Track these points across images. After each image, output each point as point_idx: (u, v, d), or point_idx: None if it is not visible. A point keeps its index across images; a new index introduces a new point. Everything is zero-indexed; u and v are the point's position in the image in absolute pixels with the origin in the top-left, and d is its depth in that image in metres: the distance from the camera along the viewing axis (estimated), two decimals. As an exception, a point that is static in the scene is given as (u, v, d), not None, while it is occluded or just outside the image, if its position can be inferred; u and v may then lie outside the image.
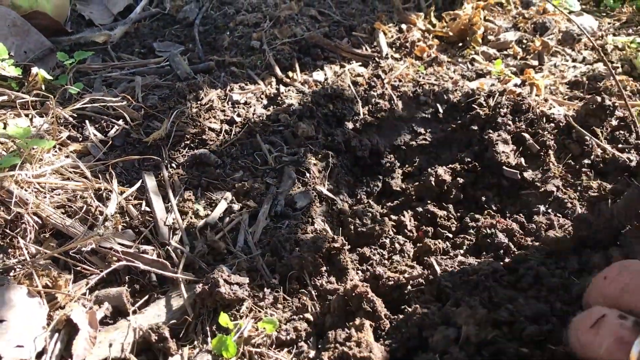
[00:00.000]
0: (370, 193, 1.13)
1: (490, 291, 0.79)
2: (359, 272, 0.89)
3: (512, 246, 0.93)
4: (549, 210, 1.03)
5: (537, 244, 0.92)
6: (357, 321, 0.74)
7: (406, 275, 0.85)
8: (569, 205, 1.03)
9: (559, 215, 1.01)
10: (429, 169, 1.12)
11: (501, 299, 0.77)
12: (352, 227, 0.98)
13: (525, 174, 1.08)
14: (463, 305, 0.74)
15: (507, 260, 0.89)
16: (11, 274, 0.83)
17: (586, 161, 1.10)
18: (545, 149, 1.11)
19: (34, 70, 1.18)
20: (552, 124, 1.15)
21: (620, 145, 1.13)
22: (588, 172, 1.09)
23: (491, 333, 0.69)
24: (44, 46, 1.32)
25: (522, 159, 1.10)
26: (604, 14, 1.73)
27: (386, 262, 0.93)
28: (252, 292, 0.82)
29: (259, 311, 0.79)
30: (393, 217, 1.04)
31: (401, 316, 0.77)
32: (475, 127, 1.17)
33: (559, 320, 0.72)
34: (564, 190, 1.06)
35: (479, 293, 0.79)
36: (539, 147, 1.11)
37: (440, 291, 0.82)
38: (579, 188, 1.06)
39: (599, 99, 1.16)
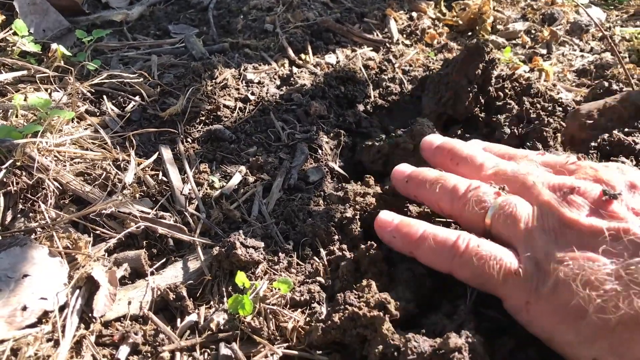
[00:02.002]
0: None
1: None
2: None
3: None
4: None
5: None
6: (365, 282, 0.76)
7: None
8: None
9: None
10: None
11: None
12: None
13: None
14: None
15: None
16: (32, 236, 0.85)
17: (593, 144, 1.12)
18: (553, 132, 1.13)
19: (54, 46, 1.20)
20: (560, 108, 1.17)
21: (626, 129, 1.15)
22: (594, 154, 1.11)
23: None
24: (62, 25, 1.35)
25: (530, 141, 1.12)
26: (612, 7, 1.75)
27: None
28: (267, 257, 0.84)
29: (274, 274, 0.81)
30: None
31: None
32: (484, 109, 1.19)
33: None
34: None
35: None
36: (547, 130, 1.13)
37: None
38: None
39: (606, 84, 1.18)
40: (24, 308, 0.72)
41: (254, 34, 1.44)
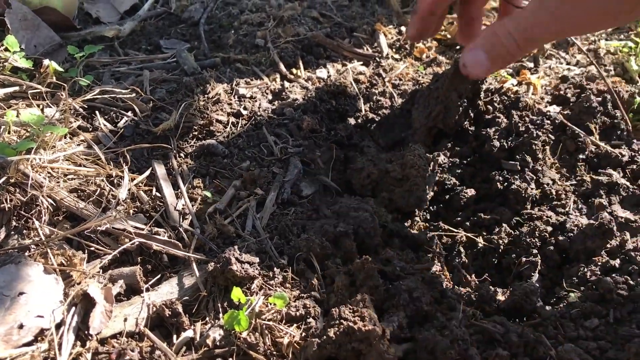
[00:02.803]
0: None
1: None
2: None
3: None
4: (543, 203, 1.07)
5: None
6: (359, 296, 0.77)
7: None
8: (561, 197, 1.07)
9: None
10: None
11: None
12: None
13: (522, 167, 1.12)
14: None
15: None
16: (27, 253, 0.85)
17: (581, 156, 1.15)
18: (542, 145, 1.15)
19: (46, 62, 1.21)
20: (548, 121, 1.19)
21: (613, 142, 1.18)
22: (582, 167, 1.13)
23: None
24: (53, 41, 1.35)
25: (519, 154, 1.14)
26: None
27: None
28: (262, 272, 0.85)
29: (269, 289, 0.82)
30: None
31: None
32: (473, 123, 1.21)
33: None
34: (559, 183, 1.09)
35: None
36: (536, 143, 1.15)
37: None
38: (573, 182, 1.10)
39: (592, 97, 1.20)
40: (21, 326, 0.72)
41: (245, 48, 1.45)
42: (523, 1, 0.94)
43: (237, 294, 0.77)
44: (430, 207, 1.11)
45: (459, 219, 1.09)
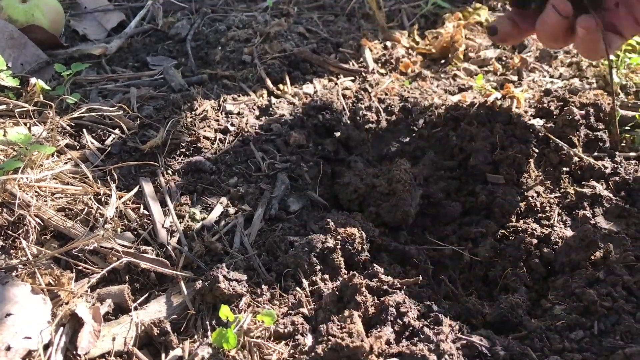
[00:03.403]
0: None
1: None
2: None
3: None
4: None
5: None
6: (347, 312, 0.78)
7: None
8: (546, 209, 1.08)
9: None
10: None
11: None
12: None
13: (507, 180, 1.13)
14: None
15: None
16: (14, 273, 0.85)
17: (564, 169, 1.16)
18: (526, 158, 1.16)
19: (32, 80, 1.21)
20: (532, 134, 1.21)
21: (596, 154, 1.20)
22: (566, 179, 1.15)
23: None
24: (40, 59, 1.36)
25: (505, 167, 1.15)
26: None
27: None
28: (250, 289, 0.85)
29: (257, 306, 0.82)
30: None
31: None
32: (458, 137, 1.22)
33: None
34: (543, 195, 1.11)
35: None
36: (520, 156, 1.16)
37: None
38: (557, 194, 1.12)
39: (575, 110, 1.22)
40: (8, 348, 0.72)
41: (232, 65, 1.46)
42: None
43: (225, 312, 0.78)
44: (417, 221, 1.12)
45: (445, 232, 1.10)
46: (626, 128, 1.28)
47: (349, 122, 1.29)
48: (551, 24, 1.03)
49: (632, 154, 1.20)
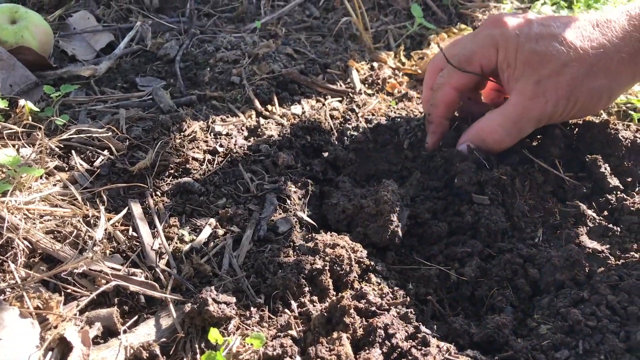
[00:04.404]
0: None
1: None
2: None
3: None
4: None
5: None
6: (335, 334, 0.79)
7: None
8: (530, 229, 1.10)
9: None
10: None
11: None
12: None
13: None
14: None
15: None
16: (2, 297, 0.85)
17: (549, 188, 1.18)
18: (510, 178, 1.18)
19: (21, 102, 1.21)
20: (517, 154, 1.23)
21: (579, 174, 1.22)
22: (550, 199, 1.17)
23: None
24: (29, 80, 1.36)
25: (490, 188, 1.17)
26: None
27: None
28: (239, 311, 0.86)
29: (246, 329, 0.83)
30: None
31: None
32: (443, 157, 1.24)
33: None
34: (528, 215, 1.13)
35: None
36: (505, 177, 1.18)
37: None
38: (542, 213, 1.14)
39: (557, 130, 1.25)
40: (-4, 374, 0.72)
41: (221, 86, 1.47)
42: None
43: (214, 334, 0.78)
44: (404, 241, 1.13)
45: (432, 252, 1.11)
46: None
47: (336, 142, 1.31)
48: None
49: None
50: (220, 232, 1.03)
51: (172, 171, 1.15)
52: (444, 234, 1.12)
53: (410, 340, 0.83)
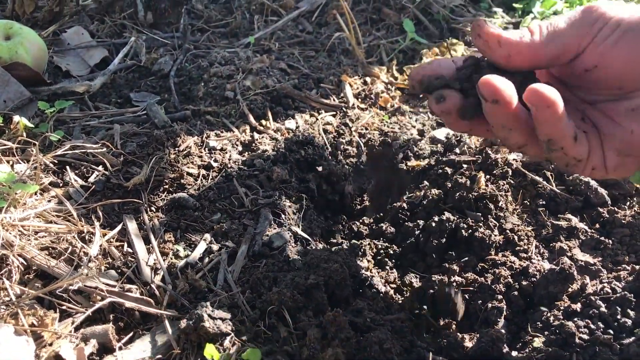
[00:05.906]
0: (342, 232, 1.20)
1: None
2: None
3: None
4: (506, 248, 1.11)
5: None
6: (330, 350, 0.79)
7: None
8: (523, 243, 1.11)
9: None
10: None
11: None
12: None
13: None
14: None
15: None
16: (-4, 314, 0.85)
17: (541, 202, 1.19)
18: (504, 192, 1.19)
19: (16, 118, 1.21)
20: (510, 169, 1.24)
21: (571, 187, 1.23)
22: (542, 212, 1.18)
23: None
24: (23, 96, 1.36)
25: (483, 202, 1.18)
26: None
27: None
28: (234, 327, 0.86)
29: (242, 344, 0.83)
30: (364, 255, 1.10)
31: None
32: (439, 171, 1.25)
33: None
34: (521, 228, 1.14)
35: None
36: (498, 191, 1.19)
37: None
38: (535, 227, 1.14)
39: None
40: (-9, 392, 0.71)
41: (215, 101, 1.48)
42: None
43: (210, 350, 0.78)
44: (400, 255, 1.14)
45: (427, 266, 1.12)
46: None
47: (330, 157, 1.32)
48: (489, 115, 0.72)
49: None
50: (215, 247, 1.04)
51: (166, 186, 1.16)
52: (440, 248, 1.13)
53: (406, 355, 0.83)
